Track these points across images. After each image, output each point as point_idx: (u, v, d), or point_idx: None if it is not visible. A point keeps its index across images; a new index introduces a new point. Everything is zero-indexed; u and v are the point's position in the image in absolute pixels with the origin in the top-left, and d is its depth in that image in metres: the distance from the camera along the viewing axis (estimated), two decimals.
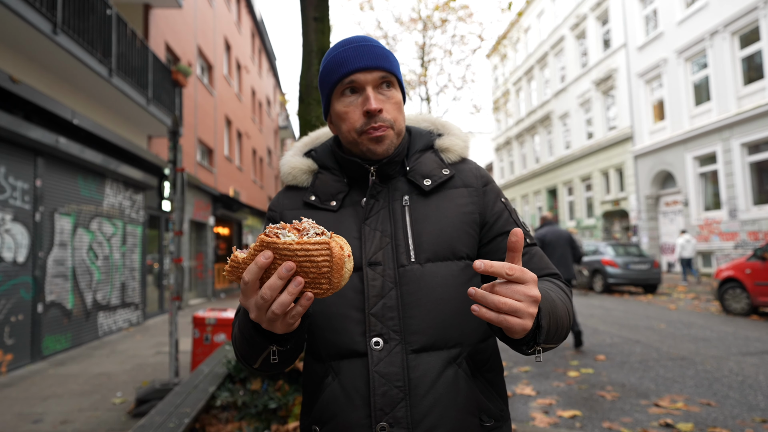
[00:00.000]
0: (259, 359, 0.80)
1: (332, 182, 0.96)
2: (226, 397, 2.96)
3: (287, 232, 0.65)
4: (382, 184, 0.93)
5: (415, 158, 0.96)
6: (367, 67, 0.87)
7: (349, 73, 0.88)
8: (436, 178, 0.93)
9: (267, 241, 0.64)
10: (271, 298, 0.64)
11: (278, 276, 0.63)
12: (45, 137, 6.21)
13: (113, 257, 8.54)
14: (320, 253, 0.63)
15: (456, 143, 0.99)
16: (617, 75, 18.05)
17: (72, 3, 6.51)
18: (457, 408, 0.83)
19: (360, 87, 0.89)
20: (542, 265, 0.91)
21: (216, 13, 16.39)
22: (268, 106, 27.06)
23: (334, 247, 0.63)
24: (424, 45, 17.29)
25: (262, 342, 0.76)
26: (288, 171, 1.01)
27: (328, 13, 3.19)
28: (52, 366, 5.99)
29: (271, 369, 0.85)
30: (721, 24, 13.04)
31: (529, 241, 0.92)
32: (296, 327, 0.73)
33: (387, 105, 0.89)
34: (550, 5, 23.40)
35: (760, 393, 4.04)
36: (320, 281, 0.64)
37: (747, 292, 7.81)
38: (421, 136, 1.01)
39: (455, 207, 0.92)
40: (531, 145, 26.50)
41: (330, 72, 0.91)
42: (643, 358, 5.40)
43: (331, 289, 0.65)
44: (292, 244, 0.63)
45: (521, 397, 4.17)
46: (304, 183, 0.99)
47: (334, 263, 0.63)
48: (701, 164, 14.35)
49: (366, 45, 0.90)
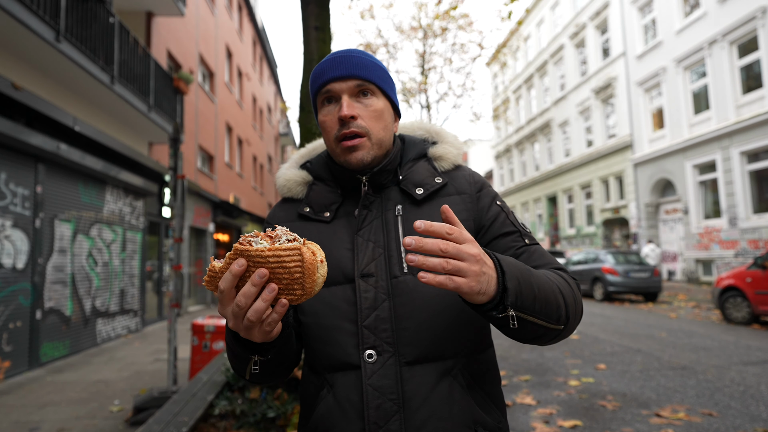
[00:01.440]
0: (247, 370, 0.80)
1: (326, 193, 0.96)
2: (224, 405, 2.94)
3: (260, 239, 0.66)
4: (374, 194, 0.93)
5: (408, 167, 0.96)
6: (342, 76, 0.88)
7: (324, 83, 0.89)
8: (429, 186, 0.92)
9: (240, 249, 0.65)
10: (246, 305, 0.65)
11: (252, 283, 0.63)
12: (46, 144, 6.22)
13: (112, 264, 8.53)
14: (292, 259, 0.63)
15: (449, 151, 0.98)
16: (616, 83, 18.13)
17: (75, 11, 6.56)
18: (452, 421, 0.81)
19: (336, 96, 0.89)
20: (543, 261, 0.89)
21: (218, 21, 16.50)
22: (268, 113, 27.16)
23: (306, 253, 0.64)
24: (424, 53, 17.40)
25: (242, 352, 0.76)
26: (283, 183, 1.01)
27: (328, 22, 3.21)
28: (50, 373, 5.96)
29: (260, 380, 0.84)
30: (720, 33, 13.12)
31: (528, 241, 0.91)
32: (275, 336, 0.72)
33: (363, 112, 0.89)
34: (550, 14, 23.56)
35: (762, 403, 4.02)
36: (293, 287, 0.65)
37: (748, 300, 7.79)
38: (415, 145, 1.00)
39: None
40: (531, 152, 26.56)
41: (312, 83, 0.93)
42: (644, 367, 5.37)
43: (304, 294, 0.66)
44: (264, 251, 0.64)
45: (521, 407, 4.15)
46: (299, 195, 1.00)
47: (306, 268, 0.64)
48: (701, 172, 14.37)
49: (345, 56, 0.90)
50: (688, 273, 14.79)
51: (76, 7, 6.61)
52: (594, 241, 19.96)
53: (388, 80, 0.94)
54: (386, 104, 0.92)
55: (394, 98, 0.95)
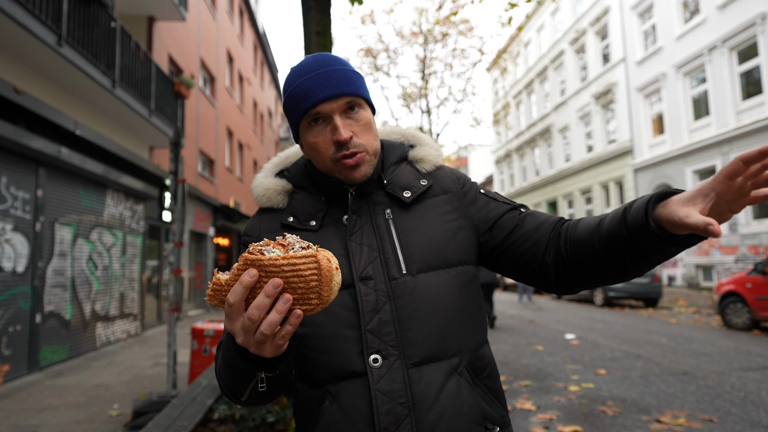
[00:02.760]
0: (247, 389, 0.77)
1: (309, 201, 0.94)
2: (223, 410, 2.94)
3: (272, 248, 0.63)
4: (361, 200, 0.93)
5: (391, 171, 0.97)
6: (332, 96, 0.84)
7: (313, 105, 0.85)
8: (416, 189, 0.93)
9: (251, 259, 0.62)
10: (259, 318, 0.62)
11: (265, 294, 0.61)
12: (47, 147, 6.24)
13: (113, 267, 8.53)
14: (308, 267, 0.61)
15: (429, 153, 1.00)
16: (617, 89, 18.18)
17: (77, 15, 6.59)
18: (462, 418, 0.82)
19: (326, 116, 0.86)
20: (543, 218, 0.92)
21: (219, 26, 16.58)
22: (269, 118, 27.23)
23: (322, 260, 0.61)
24: (425, 58, 17.47)
25: (249, 369, 0.72)
26: (262, 193, 0.98)
27: (329, 27, 3.23)
28: (49, 377, 5.95)
29: (260, 400, 0.82)
30: (720, 39, 13.16)
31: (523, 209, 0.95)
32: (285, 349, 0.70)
33: (356, 128, 0.87)
34: (550, 20, 23.65)
35: (762, 409, 4.01)
36: (309, 296, 0.62)
37: (748, 306, 7.77)
38: (394, 149, 1.01)
39: (439, 215, 0.93)
40: (531, 157, 26.59)
41: (294, 104, 0.88)
42: (644, 372, 5.36)
43: (320, 304, 0.63)
44: (278, 260, 0.61)
45: (521, 412, 4.13)
46: (279, 204, 0.97)
47: (323, 276, 0.61)
48: (701, 178, 14.37)
49: (327, 71, 0.86)
50: (689, 278, 14.78)
51: (78, 11, 6.64)
52: None
53: (365, 84, 0.93)
54: (369, 111, 0.92)
55: (371, 99, 0.94)
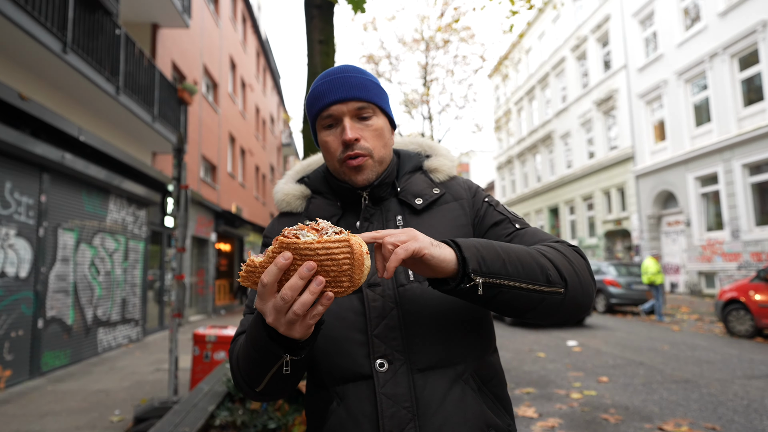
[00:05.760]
0: (267, 376, 0.78)
1: (326, 206, 0.98)
2: (225, 416, 2.93)
3: (306, 232, 0.66)
4: (374, 207, 0.96)
5: (405, 179, 1.00)
6: (343, 99, 0.90)
7: (325, 107, 0.91)
8: (427, 197, 0.96)
9: (286, 242, 0.65)
10: (292, 298, 0.64)
11: (299, 276, 0.63)
12: (51, 153, 6.28)
13: (115, 273, 8.54)
14: (341, 251, 0.63)
15: (444, 163, 1.03)
16: (618, 96, 18.21)
17: (82, 23, 6.65)
18: (466, 425, 0.82)
19: (337, 118, 0.91)
20: (536, 239, 0.90)
21: (222, 33, 16.68)
22: (271, 124, 27.31)
23: (354, 244, 0.64)
24: (426, 65, 17.54)
25: (276, 350, 0.73)
26: (282, 198, 1.03)
27: (332, 35, 3.26)
28: (51, 382, 5.95)
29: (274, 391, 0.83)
30: (721, 46, 13.20)
31: (519, 226, 0.94)
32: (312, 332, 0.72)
33: (365, 133, 0.91)
34: (551, 27, 23.74)
35: (765, 417, 3.99)
36: (341, 279, 0.65)
37: (751, 314, 7.74)
38: (410, 158, 1.04)
39: (448, 221, 0.94)
40: (532, 164, 26.60)
41: (311, 105, 0.95)
42: (646, 380, 5.34)
43: (351, 286, 0.66)
44: (313, 243, 0.64)
45: (523, 419, 4.12)
46: (298, 208, 1.02)
47: (356, 260, 0.64)
48: (703, 184, 14.37)
49: (343, 76, 0.92)
50: (691, 285, 14.72)
51: (83, 19, 6.70)
52: (596, 253, 19.90)
53: (383, 96, 0.97)
54: (384, 121, 0.95)
55: (390, 112, 0.98)
